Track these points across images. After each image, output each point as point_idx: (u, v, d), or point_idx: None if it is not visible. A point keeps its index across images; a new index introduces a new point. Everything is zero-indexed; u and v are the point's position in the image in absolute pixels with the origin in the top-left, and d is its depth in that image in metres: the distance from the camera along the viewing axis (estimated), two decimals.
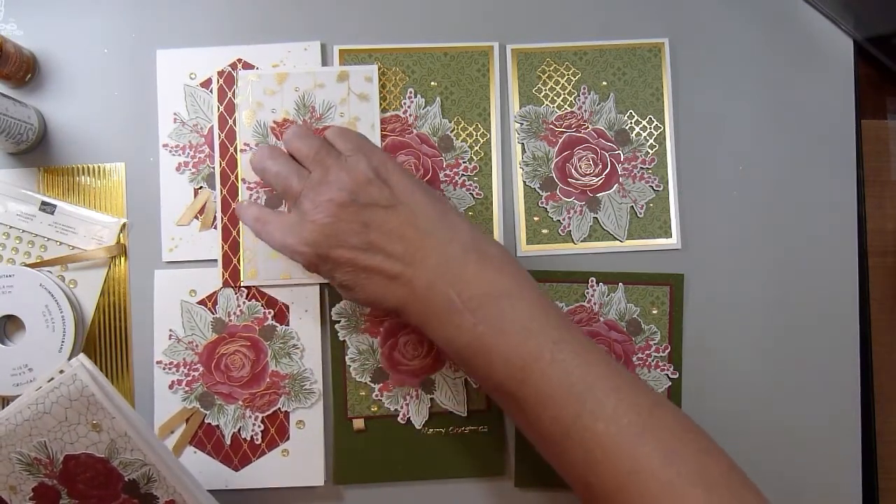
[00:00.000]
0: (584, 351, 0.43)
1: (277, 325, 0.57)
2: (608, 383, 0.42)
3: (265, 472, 0.56)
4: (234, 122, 0.57)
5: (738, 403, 0.58)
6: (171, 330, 0.57)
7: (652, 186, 0.59)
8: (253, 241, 0.56)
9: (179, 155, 0.58)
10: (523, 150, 0.59)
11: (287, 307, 0.57)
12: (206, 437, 0.56)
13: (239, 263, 0.56)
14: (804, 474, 0.57)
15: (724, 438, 0.58)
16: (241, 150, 0.57)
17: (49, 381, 0.45)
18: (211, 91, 0.58)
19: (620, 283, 0.58)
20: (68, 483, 0.45)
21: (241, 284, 0.56)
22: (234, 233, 0.56)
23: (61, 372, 0.45)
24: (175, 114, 0.58)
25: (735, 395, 0.58)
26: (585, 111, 0.59)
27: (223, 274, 0.56)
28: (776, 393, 0.58)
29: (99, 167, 0.58)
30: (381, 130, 0.58)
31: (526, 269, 0.48)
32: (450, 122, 0.59)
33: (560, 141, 0.59)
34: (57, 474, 0.45)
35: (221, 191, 0.57)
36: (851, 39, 0.60)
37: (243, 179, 0.57)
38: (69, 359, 0.55)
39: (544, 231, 0.58)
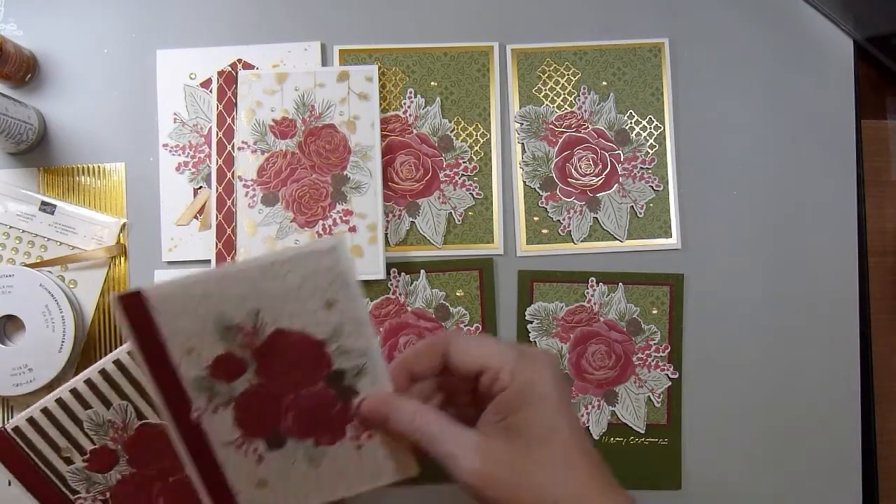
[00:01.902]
0: None
1: None
2: None
3: None
4: (233, 120, 0.57)
5: (737, 403, 0.58)
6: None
7: (652, 186, 0.58)
8: (247, 239, 0.56)
9: (179, 155, 0.58)
10: (523, 150, 0.59)
11: None
12: None
13: (233, 262, 0.56)
14: (804, 474, 0.57)
15: (724, 438, 0.58)
16: (239, 149, 0.57)
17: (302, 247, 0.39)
18: (211, 91, 0.58)
19: (620, 283, 0.58)
20: (263, 359, 0.39)
21: None
22: (229, 231, 0.56)
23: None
24: (175, 114, 0.58)
25: (735, 395, 0.58)
26: (585, 111, 0.59)
27: None
28: (776, 392, 0.58)
29: (99, 167, 0.58)
30: (381, 130, 0.58)
31: None
32: (450, 122, 0.59)
33: (560, 141, 0.59)
34: (256, 346, 0.39)
35: (217, 188, 0.57)
36: (851, 39, 0.60)
37: (239, 177, 0.57)
38: (69, 358, 0.55)
39: (544, 231, 0.58)
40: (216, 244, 0.56)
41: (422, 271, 0.57)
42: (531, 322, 0.57)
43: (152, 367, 0.37)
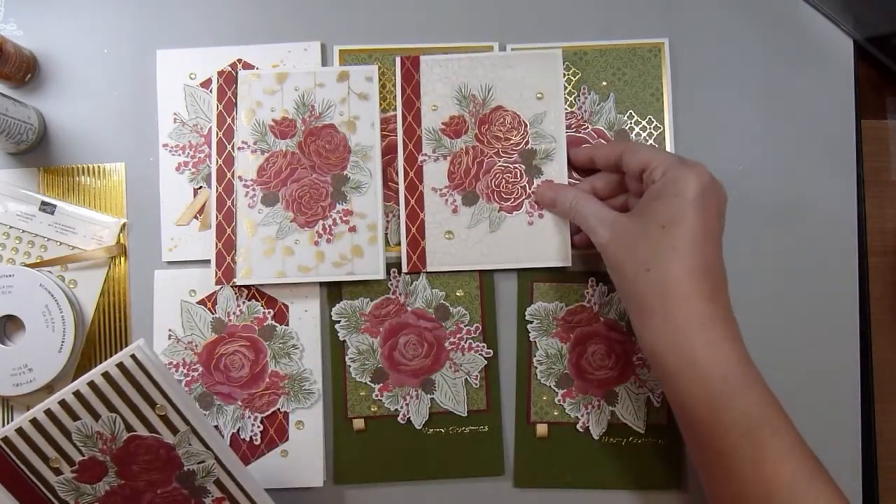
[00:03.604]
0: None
1: (277, 325, 0.57)
2: None
3: (264, 472, 0.56)
4: (233, 120, 0.57)
5: None
6: (170, 330, 0.57)
7: None
8: (247, 239, 0.56)
9: (179, 155, 0.58)
10: None
11: (287, 307, 0.57)
12: None
13: (233, 262, 0.56)
14: None
15: None
16: (239, 149, 0.57)
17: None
18: (211, 91, 0.58)
19: None
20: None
21: (236, 283, 0.56)
22: (229, 231, 0.56)
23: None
24: (175, 114, 0.58)
25: None
26: (585, 111, 0.59)
27: (216, 273, 0.56)
28: (776, 392, 0.58)
29: (99, 167, 0.58)
30: (381, 130, 0.58)
31: None
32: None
33: None
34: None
35: (217, 188, 0.57)
36: (851, 39, 0.60)
37: (240, 177, 0.57)
38: (69, 358, 0.55)
39: None
40: (216, 244, 0.56)
41: (422, 271, 0.57)
42: (531, 322, 0.57)
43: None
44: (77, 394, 0.43)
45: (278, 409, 0.56)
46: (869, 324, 0.59)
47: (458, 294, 0.57)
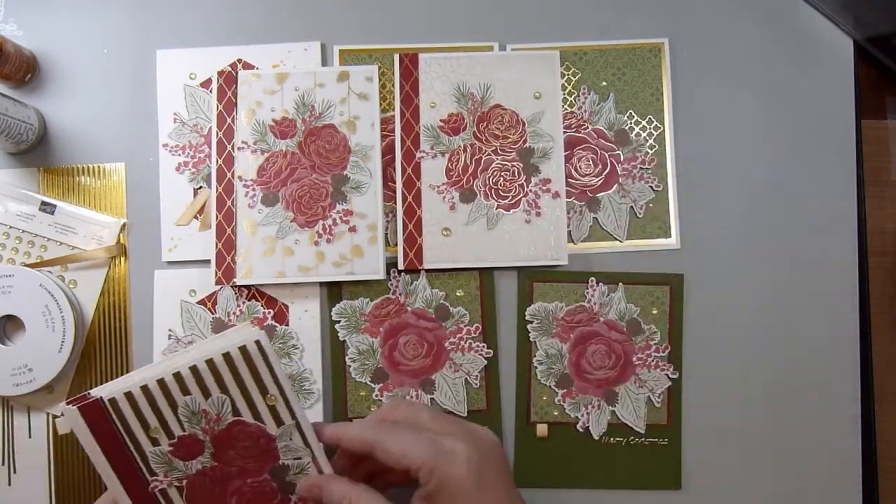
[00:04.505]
0: None
1: (277, 325, 0.57)
2: None
3: None
4: (233, 120, 0.57)
5: (738, 403, 0.58)
6: (170, 330, 0.57)
7: (651, 186, 0.58)
8: (247, 239, 0.56)
9: (179, 155, 0.58)
10: None
11: (287, 307, 0.57)
12: None
13: (233, 262, 0.56)
14: (804, 474, 0.57)
15: (724, 438, 0.58)
16: (239, 149, 0.57)
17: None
18: (211, 91, 0.58)
19: (620, 283, 0.58)
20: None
21: (236, 283, 0.56)
22: (229, 231, 0.56)
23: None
24: (175, 114, 0.58)
25: (735, 395, 0.58)
26: (585, 111, 0.59)
27: (216, 273, 0.56)
28: (776, 393, 0.58)
29: (99, 167, 0.58)
30: (381, 130, 0.58)
31: None
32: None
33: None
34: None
35: (217, 188, 0.57)
36: (851, 39, 0.60)
37: (240, 177, 0.57)
38: (69, 358, 0.55)
39: None
40: (216, 244, 0.56)
41: (422, 271, 0.57)
42: (531, 322, 0.57)
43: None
44: (193, 369, 0.43)
45: None
46: (869, 324, 0.58)
47: (458, 294, 0.57)
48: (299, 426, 0.45)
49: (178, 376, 0.43)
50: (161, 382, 0.43)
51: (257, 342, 0.44)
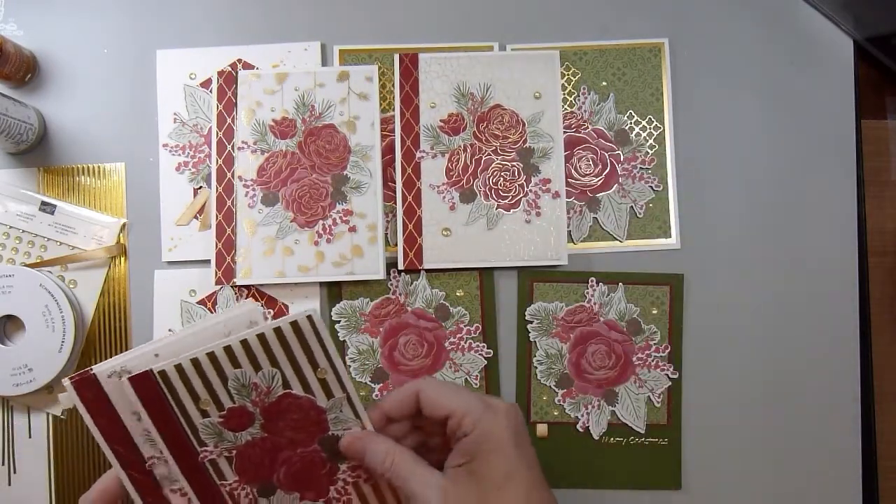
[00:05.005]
0: None
1: None
2: None
3: None
4: (233, 120, 0.57)
5: (737, 403, 0.58)
6: (170, 330, 0.57)
7: (651, 186, 0.59)
8: (247, 239, 0.56)
9: (179, 155, 0.58)
10: None
11: (287, 307, 0.57)
12: None
13: (233, 262, 0.56)
14: (804, 474, 0.57)
15: (724, 438, 0.58)
16: (239, 149, 0.57)
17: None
18: (211, 91, 0.58)
19: (620, 283, 0.58)
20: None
21: (236, 283, 0.56)
22: (229, 231, 0.56)
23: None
24: (175, 114, 0.58)
25: (735, 395, 0.58)
26: (585, 111, 0.59)
27: (216, 273, 0.56)
28: (776, 392, 0.58)
29: (99, 167, 0.58)
30: (381, 130, 0.58)
31: None
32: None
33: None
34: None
35: (217, 188, 0.57)
36: (851, 39, 0.60)
37: (240, 177, 0.57)
38: (69, 358, 0.55)
39: None
40: (216, 244, 0.56)
41: (422, 271, 0.57)
42: (531, 322, 0.57)
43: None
44: (244, 343, 0.42)
45: None
46: (869, 324, 0.58)
47: (457, 294, 0.57)
48: (349, 399, 0.45)
49: (228, 350, 0.42)
50: (211, 356, 0.42)
51: (309, 317, 0.43)
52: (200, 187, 0.58)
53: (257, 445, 0.45)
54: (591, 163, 0.59)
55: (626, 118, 0.59)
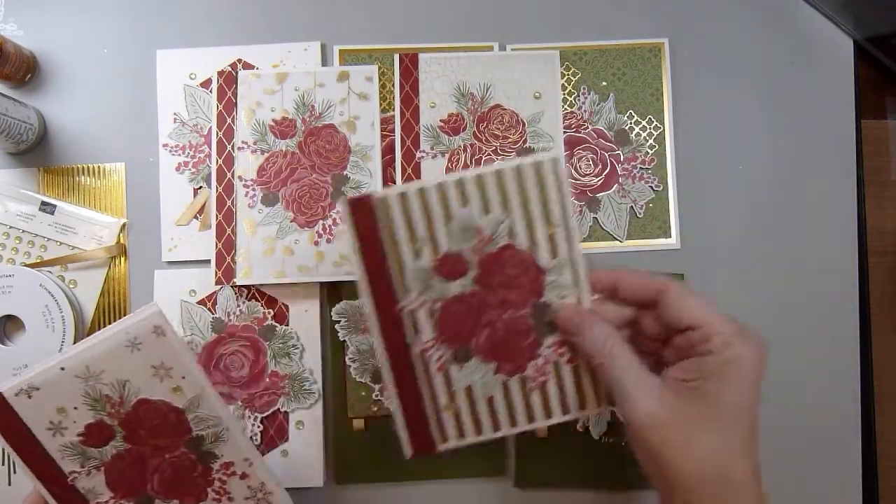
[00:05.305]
0: None
1: (277, 325, 0.57)
2: None
3: None
4: (233, 120, 0.57)
5: None
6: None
7: (651, 186, 0.59)
8: (247, 239, 0.56)
9: (179, 155, 0.58)
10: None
11: (287, 307, 0.57)
12: None
13: (233, 262, 0.56)
14: (804, 474, 0.57)
15: None
16: (239, 149, 0.57)
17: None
18: (211, 91, 0.58)
19: None
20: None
21: (236, 283, 0.56)
22: (229, 231, 0.56)
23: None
24: (175, 114, 0.58)
25: None
26: (585, 111, 0.59)
27: (216, 273, 0.56)
28: (776, 392, 0.58)
29: (99, 167, 0.58)
30: (381, 130, 0.58)
31: None
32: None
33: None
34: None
35: (217, 188, 0.57)
36: (851, 39, 0.60)
37: (239, 177, 0.57)
38: None
39: None
40: (216, 244, 0.56)
41: None
42: None
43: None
44: (478, 178, 0.39)
45: (278, 409, 0.56)
46: (869, 324, 0.59)
47: None
48: (574, 263, 0.40)
49: (459, 183, 0.38)
50: (440, 187, 0.38)
51: (555, 160, 0.39)
52: (200, 187, 0.58)
53: (465, 301, 0.39)
54: (591, 163, 0.59)
55: (626, 118, 0.59)
